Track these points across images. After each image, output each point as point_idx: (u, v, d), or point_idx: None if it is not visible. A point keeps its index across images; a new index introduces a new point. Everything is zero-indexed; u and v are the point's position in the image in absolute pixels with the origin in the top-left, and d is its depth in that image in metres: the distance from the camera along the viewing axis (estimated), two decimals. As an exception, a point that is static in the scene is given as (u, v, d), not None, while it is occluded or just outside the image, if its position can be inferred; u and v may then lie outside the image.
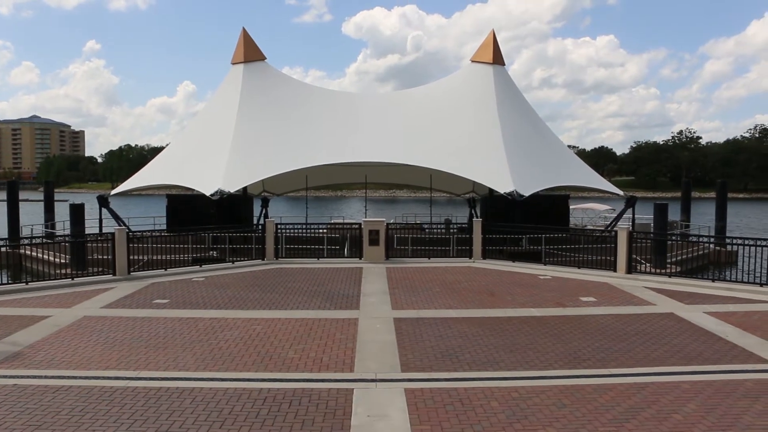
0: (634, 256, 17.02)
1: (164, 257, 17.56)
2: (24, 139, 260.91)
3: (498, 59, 31.53)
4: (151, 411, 6.89)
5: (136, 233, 18.93)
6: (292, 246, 20.91)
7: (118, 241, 16.03)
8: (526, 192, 24.53)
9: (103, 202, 27.68)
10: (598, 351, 9.24)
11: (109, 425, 6.51)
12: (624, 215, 29.10)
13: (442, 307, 12.39)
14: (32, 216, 40.35)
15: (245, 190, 27.54)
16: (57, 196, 35.38)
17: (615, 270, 16.38)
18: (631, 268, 16.33)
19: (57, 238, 23.93)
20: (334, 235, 23.63)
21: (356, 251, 20.02)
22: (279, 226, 19.79)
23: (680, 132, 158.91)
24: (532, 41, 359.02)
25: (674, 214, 31.99)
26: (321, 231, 24.37)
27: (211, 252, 21.18)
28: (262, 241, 19.13)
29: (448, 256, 20.64)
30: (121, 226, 22.13)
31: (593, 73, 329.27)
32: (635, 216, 29.33)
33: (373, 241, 18.95)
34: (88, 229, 25.48)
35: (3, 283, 14.77)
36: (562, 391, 7.53)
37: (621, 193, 30.50)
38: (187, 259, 18.56)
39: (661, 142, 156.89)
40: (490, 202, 28.09)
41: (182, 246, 19.13)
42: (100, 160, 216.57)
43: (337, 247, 23.09)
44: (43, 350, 9.29)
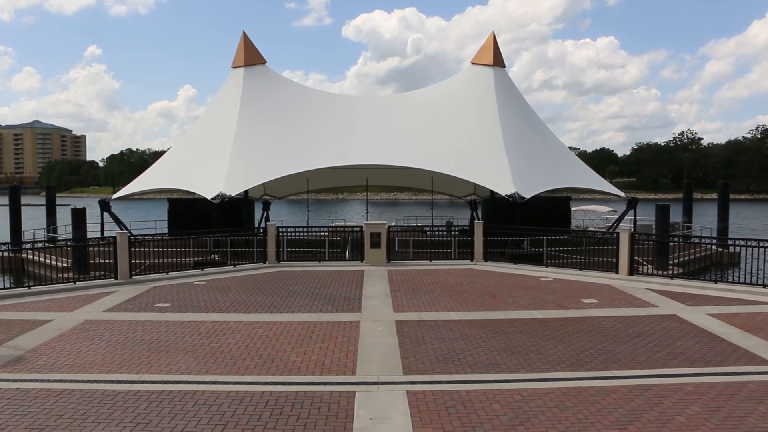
0: (636, 258, 17.01)
1: (166, 261, 17.58)
2: (26, 144, 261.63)
3: (498, 61, 31.56)
4: (153, 414, 6.89)
5: (138, 237, 18.95)
6: (294, 249, 20.93)
7: (120, 245, 16.06)
8: (528, 194, 24.52)
9: (104, 206, 27.73)
10: (600, 353, 9.23)
11: (111, 429, 6.51)
12: (625, 217, 29.09)
13: (444, 309, 12.39)
14: (34, 220, 40.41)
15: (246, 193, 27.57)
16: (59, 201, 35.42)
17: (617, 272, 16.36)
18: (632, 270, 16.31)
19: (59, 243, 23.93)
20: (335, 238, 23.65)
21: (358, 254, 20.02)
22: (280, 229, 19.82)
23: (681, 133, 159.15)
24: (532, 43, 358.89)
25: (676, 215, 31.92)
26: (322, 234, 24.39)
27: (213, 255, 21.18)
28: (264, 244, 19.15)
29: (449, 258, 20.63)
30: (123, 230, 22.13)
31: (594, 75, 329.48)
32: (637, 217, 29.33)
33: (375, 244, 18.96)
34: (89, 234, 25.51)
35: (5, 288, 14.79)
36: (564, 393, 7.52)
37: (622, 194, 30.47)
38: (188, 262, 18.57)
39: (663, 144, 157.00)
40: (491, 204, 28.08)
41: (184, 249, 19.14)
42: (101, 164, 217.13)
43: (339, 250, 23.10)
44: (45, 354, 9.30)
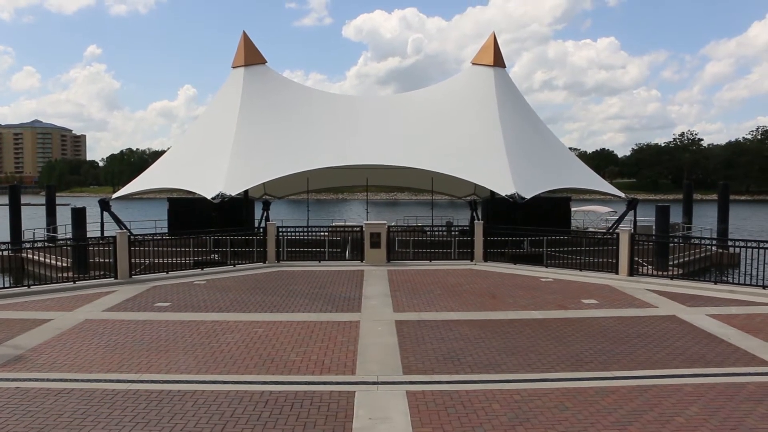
0: (636, 259, 17.01)
1: (166, 260, 17.58)
2: (26, 143, 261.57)
3: (499, 62, 31.56)
4: (153, 414, 6.89)
5: (138, 237, 18.96)
6: (294, 249, 20.93)
7: (120, 244, 16.06)
8: (528, 194, 24.52)
9: (104, 205, 27.73)
10: (600, 353, 9.23)
11: (111, 428, 6.52)
12: (625, 217, 29.09)
13: (444, 309, 12.39)
14: (34, 220, 40.35)
15: (246, 193, 27.58)
16: (58, 200, 35.38)
17: (617, 272, 16.36)
18: (632, 271, 16.31)
19: (59, 242, 23.93)
20: (335, 238, 23.65)
21: (357, 254, 20.02)
22: (280, 229, 19.82)
23: (682, 134, 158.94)
24: (533, 43, 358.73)
25: (676, 216, 31.92)
26: (322, 234, 24.39)
27: (213, 255, 21.19)
28: (264, 244, 19.15)
29: (449, 258, 20.63)
30: (123, 230, 22.14)
31: (594, 75, 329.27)
32: (637, 218, 29.32)
33: (375, 244, 18.96)
34: (89, 233, 25.49)
35: (5, 287, 14.80)
36: (564, 393, 7.52)
37: (622, 195, 30.47)
38: (188, 262, 18.57)
39: (663, 144, 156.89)
40: (491, 205, 28.09)
41: (184, 249, 19.15)
42: (101, 164, 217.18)
43: (339, 249, 23.10)
44: (45, 353, 9.30)
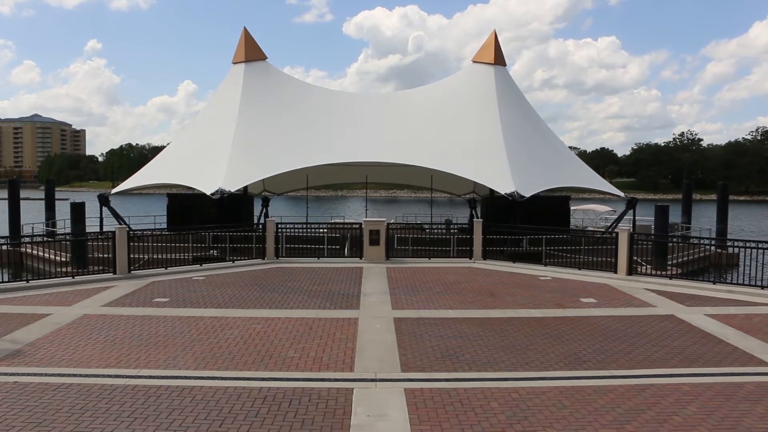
0: (635, 258, 17.01)
1: (164, 256, 17.58)
2: (25, 137, 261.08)
3: (499, 60, 31.54)
4: (151, 409, 6.89)
5: (137, 232, 18.96)
6: (293, 245, 20.92)
7: (119, 239, 16.04)
8: (527, 193, 24.53)
9: (103, 200, 27.71)
10: (598, 352, 9.24)
11: (108, 423, 6.52)
12: (625, 217, 29.11)
13: (443, 307, 12.39)
14: (33, 214, 40.31)
15: (246, 189, 27.57)
16: (58, 195, 35.40)
17: (615, 271, 16.37)
18: (631, 270, 16.31)
19: (58, 237, 23.93)
20: (334, 235, 23.64)
21: (357, 251, 20.02)
22: (279, 226, 19.80)
23: (681, 134, 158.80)
24: (534, 42, 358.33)
25: (675, 216, 31.96)
26: (321, 231, 24.39)
27: (212, 251, 21.19)
28: (263, 240, 19.13)
29: (448, 256, 20.63)
30: (122, 225, 22.16)
31: (594, 75, 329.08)
32: (636, 217, 29.34)
33: (374, 241, 18.96)
34: (88, 228, 25.50)
35: (4, 281, 14.79)
36: (562, 392, 7.53)
37: (622, 194, 30.50)
38: (187, 258, 18.57)
39: (663, 144, 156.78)
40: (490, 203, 28.10)
41: (182, 245, 19.16)
42: (100, 159, 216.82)
43: (338, 246, 23.10)
44: (43, 348, 9.30)
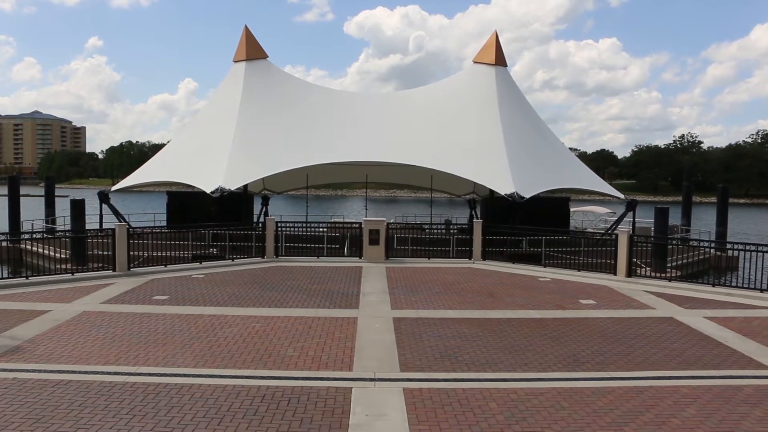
0: (635, 260, 17.01)
1: (164, 254, 17.57)
2: (25, 134, 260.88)
3: (500, 60, 31.50)
4: (150, 406, 6.90)
5: (137, 229, 18.94)
6: (292, 244, 20.92)
7: (119, 237, 16.04)
8: (527, 194, 24.51)
9: (103, 198, 27.68)
10: (597, 354, 9.25)
11: (107, 420, 6.52)
12: (624, 218, 29.09)
13: (442, 307, 12.40)
14: (33, 211, 40.27)
15: (246, 187, 27.55)
16: (58, 192, 35.36)
17: (615, 273, 16.37)
18: (631, 272, 16.32)
19: (57, 234, 23.92)
20: (334, 234, 23.65)
21: (356, 250, 20.02)
22: (279, 225, 19.81)
23: (682, 136, 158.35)
24: (534, 43, 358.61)
25: (675, 218, 31.96)
26: (321, 230, 24.39)
27: (211, 249, 21.16)
28: (263, 239, 19.13)
29: (448, 256, 20.63)
30: (122, 222, 22.13)
31: (595, 76, 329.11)
32: (636, 219, 29.32)
33: (374, 241, 18.96)
34: (88, 225, 25.48)
35: (3, 278, 14.78)
36: (560, 393, 7.54)
37: (622, 196, 30.47)
38: (187, 255, 18.56)
39: (663, 146, 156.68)
40: (490, 204, 28.08)
41: (182, 243, 19.15)
42: (101, 156, 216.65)
43: (337, 246, 23.10)
44: (42, 345, 9.30)
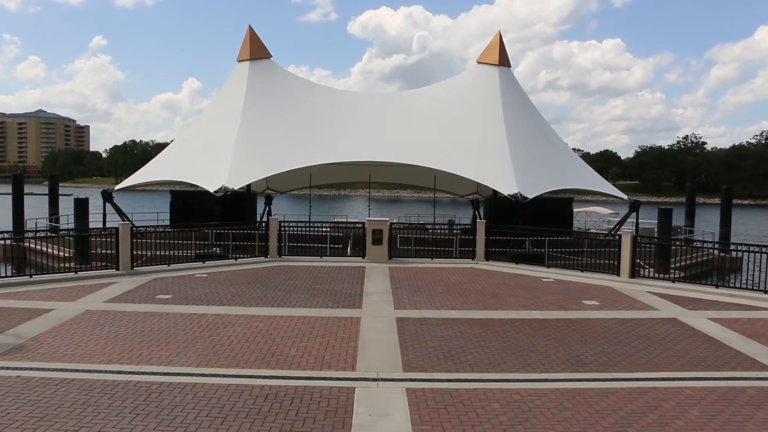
0: (638, 261, 16.97)
1: (167, 253, 17.60)
2: (29, 133, 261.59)
3: (504, 61, 31.46)
4: (153, 405, 6.91)
5: (140, 228, 18.99)
6: (296, 244, 20.93)
7: (122, 236, 16.08)
8: (531, 194, 24.47)
9: (107, 196, 27.75)
10: (600, 355, 9.23)
11: (110, 418, 6.53)
12: (628, 219, 29.04)
13: (445, 307, 12.39)
14: (37, 209, 40.34)
15: (249, 187, 27.59)
16: (61, 190, 35.43)
17: (618, 274, 16.35)
18: (634, 273, 16.29)
19: (61, 232, 23.96)
20: (337, 234, 23.66)
21: (359, 250, 20.02)
22: (282, 224, 19.82)
23: (685, 137, 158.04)
24: (538, 43, 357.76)
25: (678, 219, 31.84)
26: (324, 229, 24.40)
27: (215, 248, 21.19)
28: (266, 238, 19.16)
29: (451, 256, 20.61)
30: (125, 221, 22.16)
31: (599, 77, 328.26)
32: (639, 220, 29.26)
33: (377, 241, 18.96)
34: (92, 224, 25.51)
35: (7, 276, 14.83)
36: (563, 394, 7.52)
37: (625, 197, 30.40)
38: (190, 255, 18.59)
39: (666, 147, 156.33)
40: (493, 204, 28.07)
41: (185, 242, 19.17)
42: (104, 155, 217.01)
43: (341, 245, 23.11)
44: (46, 343, 9.33)
